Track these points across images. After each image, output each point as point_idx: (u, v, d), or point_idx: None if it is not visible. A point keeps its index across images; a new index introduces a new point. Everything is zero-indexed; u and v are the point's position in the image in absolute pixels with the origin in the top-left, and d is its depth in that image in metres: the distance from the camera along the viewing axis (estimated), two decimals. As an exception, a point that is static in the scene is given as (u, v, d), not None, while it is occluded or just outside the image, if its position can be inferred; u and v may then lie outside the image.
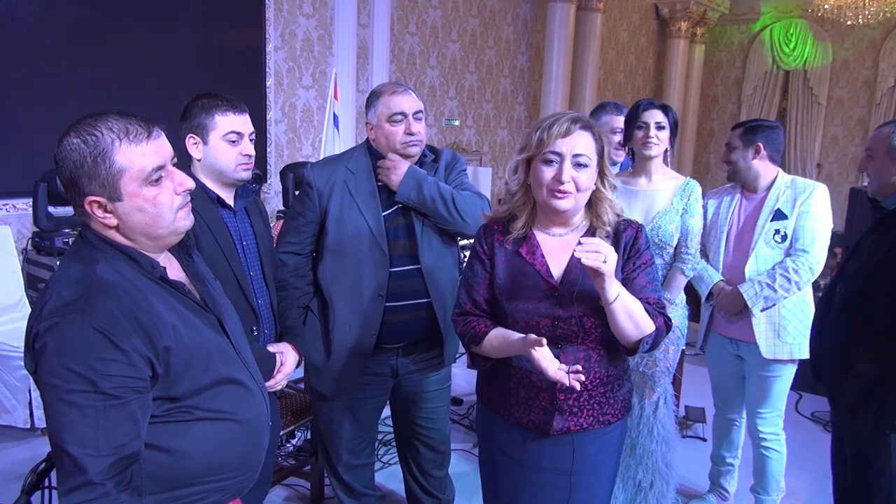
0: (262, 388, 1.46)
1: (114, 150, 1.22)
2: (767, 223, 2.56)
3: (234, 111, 1.88)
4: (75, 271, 1.22)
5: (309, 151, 5.48)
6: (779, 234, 2.55)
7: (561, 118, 1.65)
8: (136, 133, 1.24)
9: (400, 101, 2.15)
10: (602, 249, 1.49)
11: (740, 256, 2.63)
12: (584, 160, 1.63)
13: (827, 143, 8.93)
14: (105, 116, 1.24)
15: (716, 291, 2.66)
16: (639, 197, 2.55)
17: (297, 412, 2.72)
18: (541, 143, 1.64)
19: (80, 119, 1.24)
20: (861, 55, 8.75)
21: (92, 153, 1.21)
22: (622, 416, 1.78)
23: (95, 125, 1.22)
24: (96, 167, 1.21)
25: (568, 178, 1.61)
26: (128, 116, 1.26)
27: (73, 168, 1.22)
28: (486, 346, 1.73)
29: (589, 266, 1.49)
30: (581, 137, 1.63)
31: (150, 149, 1.25)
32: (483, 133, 7.18)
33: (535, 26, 7.46)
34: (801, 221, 2.53)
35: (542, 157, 1.64)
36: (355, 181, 2.18)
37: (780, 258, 2.55)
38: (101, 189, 1.22)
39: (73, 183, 1.23)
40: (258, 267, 1.99)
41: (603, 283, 1.53)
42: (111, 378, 1.15)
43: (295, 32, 5.29)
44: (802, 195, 2.54)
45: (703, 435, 3.63)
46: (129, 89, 4.18)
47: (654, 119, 2.50)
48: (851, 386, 2.08)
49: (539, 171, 1.65)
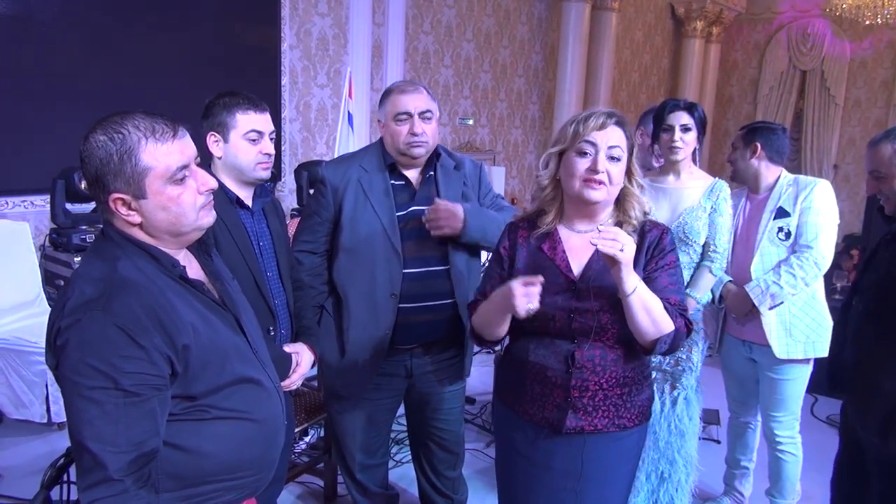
0: (278, 388, 1.46)
1: (140, 148, 1.23)
2: (770, 221, 2.57)
3: (255, 110, 1.90)
4: (97, 268, 1.23)
5: (323, 150, 5.49)
6: (782, 232, 2.55)
7: (597, 112, 1.67)
8: (162, 132, 1.25)
9: (406, 100, 2.13)
10: (619, 238, 1.49)
11: (746, 256, 2.63)
12: (617, 153, 1.65)
13: (844, 144, 8.83)
14: (132, 115, 1.25)
15: (724, 293, 2.66)
16: (667, 194, 2.55)
17: (310, 410, 2.73)
18: (576, 135, 1.65)
19: (106, 117, 1.26)
20: (879, 55, 8.65)
21: (118, 151, 1.22)
22: (639, 422, 1.77)
23: (122, 123, 1.24)
24: (122, 165, 1.22)
25: (603, 167, 1.63)
26: (154, 116, 1.27)
27: (99, 165, 1.23)
28: (480, 310, 1.75)
29: (605, 253, 1.49)
30: (615, 132, 1.66)
31: (176, 148, 1.26)
32: (497, 132, 7.17)
33: (549, 26, 7.44)
34: (804, 217, 2.52)
35: (576, 149, 1.66)
36: (369, 179, 2.18)
37: (786, 255, 2.55)
38: (126, 186, 1.23)
39: (98, 180, 1.24)
40: (275, 267, 2.00)
41: (620, 273, 1.53)
42: (131, 375, 1.16)
43: (310, 31, 5.30)
44: (804, 191, 2.54)
45: (718, 437, 3.61)
46: (146, 88, 4.21)
47: (680, 122, 2.49)
48: (880, 406, 2.00)
49: (573, 163, 1.66)
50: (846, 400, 2.22)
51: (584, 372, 1.67)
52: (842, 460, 2.25)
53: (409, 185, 2.21)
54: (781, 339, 2.56)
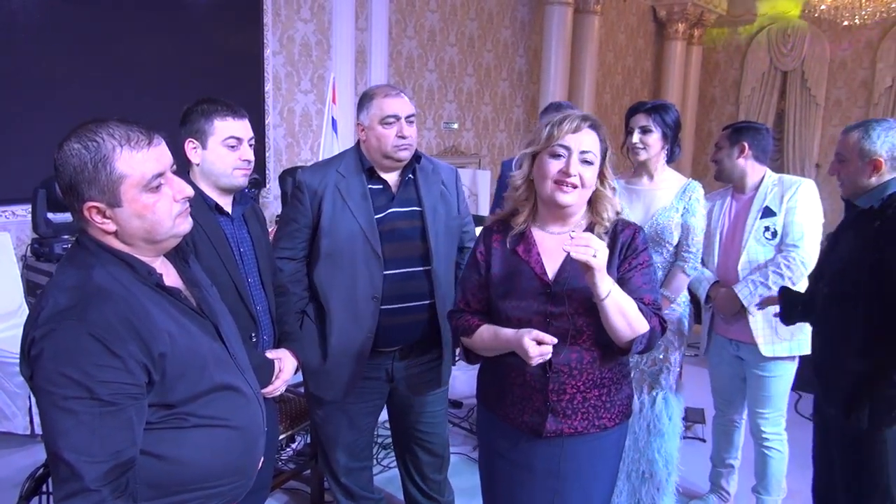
0: (258, 394, 1.46)
1: (115, 156, 1.22)
2: (757, 221, 2.59)
3: (233, 116, 1.89)
4: (71, 277, 1.22)
5: (308, 156, 5.48)
6: (769, 231, 2.58)
7: (571, 115, 1.69)
8: (137, 140, 1.24)
9: (393, 103, 2.15)
10: (592, 244, 1.50)
11: (732, 256, 2.65)
12: (590, 157, 1.66)
13: (826, 143, 8.91)
14: (106, 123, 1.24)
15: (712, 294, 2.68)
16: (640, 196, 2.58)
17: (296, 417, 2.72)
18: (550, 137, 1.67)
19: (81, 125, 1.25)
20: (858, 55, 8.75)
21: (93, 159, 1.21)
22: (620, 420, 1.78)
23: (97, 131, 1.23)
24: (97, 173, 1.21)
25: (575, 171, 1.64)
26: (129, 123, 1.26)
27: (73, 173, 1.22)
28: (475, 340, 1.75)
29: (578, 259, 1.50)
30: (589, 135, 1.67)
31: (151, 156, 1.26)
32: (482, 136, 7.19)
33: (532, 29, 7.47)
34: (790, 217, 2.55)
35: (549, 151, 1.67)
36: (346, 184, 2.19)
37: (772, 255, 2.57)
38: (101, 195, 1.22)
39: (72, 188, 1.23)
40: (256, 273, 1.99)
41: (594, 278, 1.54)
42: (107, 384, 1.15)
43: (293, 37, 5.30)
44: (789, 191, 2.57)
45: (703, 436, 3.63)
46: (129, 96, 4.19)
47: (639, 124, 2.53)
48: (843, 385, 2.10)
49: (546, 165, 1.67)
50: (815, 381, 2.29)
51: (562, 376, 1.68)
52: (814, 447, 2.32)
53: (387, 188, 2.22)
54: (767, 338, 2.59)
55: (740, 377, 2.77)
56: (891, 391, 1.97)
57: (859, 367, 2.05)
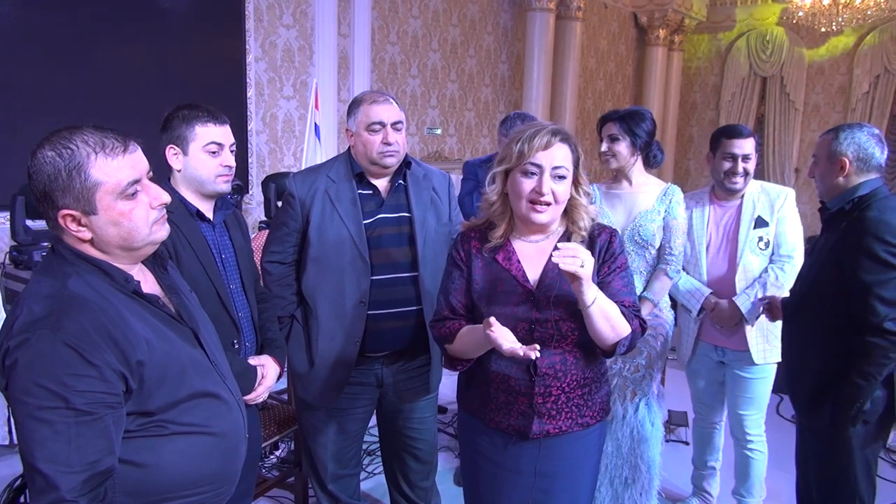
0: (240, 401, 1.45)
1: (89, 163, 1.21)
2: (751, 231, 2.58)
3: (214, 122, 1.88)
4: (46, 286, 1.21)
5: (291, 162, 5.46)
6: (762, 241, 2.58)
7: (541, 131, 1.67)
8: (112, 147, 1.23)
9: (379, 110, 2.15)
10: (579, 254, 1.51)
11: (724, 267, 2.64)
12: (562, 172, 1.67)
13: (805, 148, 9.02)
14: (80, 129, 1.23)
15: (707, 306, 2.65)
16: (622, 199, 2.60)
17: (281, 423, 2.71)
18: (521, 155, 1.66)
19: (54, 132, 1.23)
20: (836, 61, 8.88)
21: (67, 166, 1.20)
22: (601, 418, 1.81)
23: (71, 138, 1.21)
24: (71, 181, 1.20)
25: (548, 190, 1.64)
26: (104, 130, 1.25)
27: (46, 181, 1.20)
28: (457, 344, 1.75)
29: (566, 271, 1.51)
30: (560, 150, 1.67)
31: (127, 163, 1.25)
32: (465, 142, 7.20)
33: (515, 35, 7.50)
34: (781, 227, 2.57)
35: (521, 169, 1.67)
36: (336, 189, 2.19)
37: (765, 265, 2.59)
38: (76, 203, 1.21)
39: (46, 196, 1.22)
40: (238, 279, 1.98)
41: (580, 287, 1.55)
42: (83, 394, 1.14)
43: (275, 43, 5.28)
44: (778, 200, 2.58)
45: (686, 439, 3.65)
46: (109, 101, 4.15)
47: (607, 133, 2.56)
48: (807, 382, 2.16)
49: (518, 183, 1.67)
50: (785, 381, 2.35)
51: (547, 378, 1.70)
52: (796, 445, 2.36)
53: (376, 193, 2.23)
54: (760, 347, 2.61)
55: (719, 381, 2.79)
56: (850, 390, 2.01)
57: (822, 366, 2.10)
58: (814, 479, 2.23)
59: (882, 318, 1.95)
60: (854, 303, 2.01)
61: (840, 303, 2.05)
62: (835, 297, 2.07)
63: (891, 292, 1.96)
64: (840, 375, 2.03)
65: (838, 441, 2.10)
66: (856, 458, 2.10)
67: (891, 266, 1.96)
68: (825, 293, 2.10)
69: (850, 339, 2.01)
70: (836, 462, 2.13)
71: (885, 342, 1.96)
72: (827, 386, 2.07)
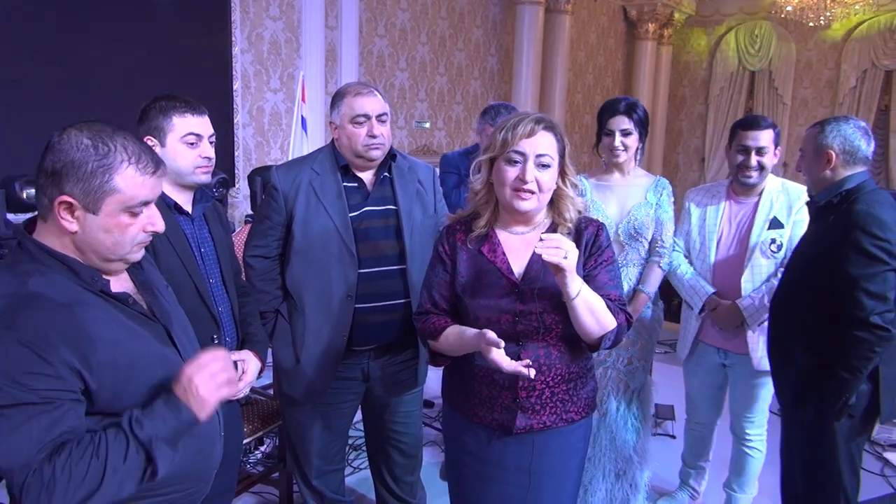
0: None
1: (119, 169, 1.21)
2: (764, 231, 2.47)
3: (192, 112, 1.86)
4: (6, 284, 1.18)
5: (277, 155, 5.42)
6: (774, 244, 2.47)
7: (525, 119, 1.67)
8: (145, 164, 1.24)
9: (363, 102, 2.12)
10: (563, 245, 1.50)
11: (734, 266, 2.53)
12: (546, 160, 1.65)
13: (793, 142, 9.04)
14: (123, 133, 1.24)
15: (710, 305, 2.56)
16: (614, 192, 2.57)
17: (265, 418, 2.69)
18: (505, 143, 1.65)
19: (96, 122, 1.23)
20: (824, 56, 8.91)
21: (96, 161, 1.19)
22: (586, 414, 1.79)
23: (113, 137, 1.21)
24: (93, 176, 1.19)
25: (531, 177, 1.63)
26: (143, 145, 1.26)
27: (67, 164, 1.18)
28: (442, 342, 1.74)
29: (550, 262, 1.50)
30: (544, 138, 1.66)
31: (150, 183, 1.25)
32: (454, 135, 7.18)
33: (504, 28, 7.48)
34: (796, 230, 2.45)
35: (505, 157, 1.66)
36: (321, 182, 2.16)
37: (776, 268, 2.47)
38: (83, 196, 1.20)
39: (55, 175, 1.19)
40: (218, 274, 1.96)
41: (564, 279, 1.54)
42: (38, 392, 1.12)
43: (262, 35, 5.23)
44: (797, 202, 2.47)
45: (672, 432, 3.65)
46: (92, 94, 4.09)
47: (620, 127, 2.49)
48: (793, 376, 2.16)
49: (502, 171, 1.66)
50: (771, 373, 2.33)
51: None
52: (781, 438, 2.35)
53: (362, 186, 2.21)
54: (761, 351, 2.50)
55: (716, 386, 2.72)
56: (836, 384, 2.01)
57: (807, 360, 2.10)
58: (798, 472, 2.23)
59: (868, 312, 1.95)
60: (840, 296, 2.00)
61: (826, 296, 2.04)
62: (821, 290, 2.06)
63: (877, 286, 1.96)
64: (826, 369, 2.03)
65: (823, 434, 2.10)
66: (840, 451, 2.10)
67: (878, 260, 1.96)
68: (812, 287, 2.10)
69: (836, 333, 2.01)
70: (820, 455, 2.13)
71: (871, 336, 1.95)
72: (812, 380, 2.07)
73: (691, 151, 10.11)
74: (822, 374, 2.04)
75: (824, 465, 2.12)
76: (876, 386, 2.06)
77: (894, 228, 1.98)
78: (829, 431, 2.08)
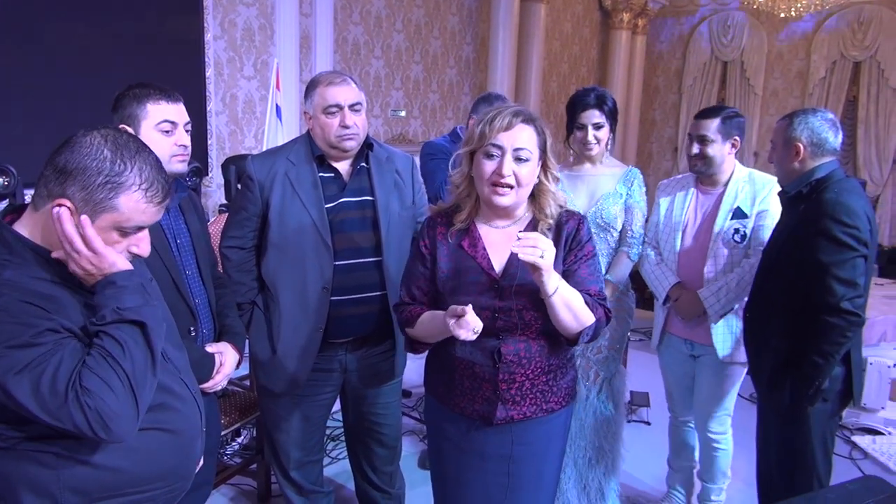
0: (196, 395, 1.41)
1: (126, 191, 1.20)
2: (727, 221, 2.47)
3: (167, 100, 1.82)
4: None
5: (252, 143, 5.36)
6: (738, 234, 2.46)
7: (503, 111, 1.65)
8: (154, 193, 1.23)
9: (336, 92, 2.09)
10: (539, 244, 1.49)
11: (697, 256, 2.53)
12: (524, 154, 1.64)
13: (763, 132, 9.19)
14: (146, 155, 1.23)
15: (673, 295, 2.57)
16: (584, 182, 2.58)
17: (243, 410, 2.67)
18: (483, 136, 1.64)
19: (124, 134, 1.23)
20: (795, 47, 9.04)
21: (107, 177, 1.18)
22: (566, 403, 1.81)
23: (133, 158, 1.20)
24: (99, 190, 1.18)
25: (508, 171, 1.62)
26: (162, 172, 1.25)
27: (79, 168, 1.17)
28: (418, 327, 1.74)
29: (526, 261, 1.50)
30: (522, 131, 1.64)
31: (152, 212, 1.24)
32: (430, 124, 7.15)
33: (479, 17, 7.45)
34: (761, 221, 2.44)
35: (483, 151, 1.64)
36: (297, 172, 2.14)
37: (739, 258, 2.47)
38: (83, 204, 1.18)
39: (64, 174, 1.18)
40: (194, 265, 1.93)
41: (541, 277, 1.54)
42: (42, 334, 1.13)
43: (235, 22, 5.15)
44: (762, 192, 2.46)
45: (647, 419, 3.70)
46: (63, 81, 3.98)
47: (592, 121, 2.49)
48: (768, 361, 2.19)
49: (481, 165, 1.65)
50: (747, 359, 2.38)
51: (511, 366, 1.69)
52: (757, 425, 2.39)
53: (338, 177, 2.18)
54: (726, 341, 2.51)
55: (691, 376, 2.70)
56: (809, 369, 2.05)
57: (782, 345, 2.14)
58: (774, 456, 2.28)
59: (839, 298, 1.99)
60: (812, 283, 2.04)
61: (799, 283, 2.08)
62: (794, 277, 2.10)
63: (847, 273, 2.00)
64: (800, 354, 2.07)
65: (798, 419, 2.14)
66: (814, 435, 2.14)
67: (847, 247, 2.00)
68: (785, 274, 2.14)
69: (809, 319, 2.05)
70: (795, 440, 2.17)
71: (843, 321, 2.00)
72: (787, 364, 2.11)
73: (664, 141, 10.21)
74: (796, 359, 2.08)
75: (799, 450, 2.17)
76: (849, 369, 2.11)
77: (862, 215, 2.02)
78: (804, 415, 2.13)
